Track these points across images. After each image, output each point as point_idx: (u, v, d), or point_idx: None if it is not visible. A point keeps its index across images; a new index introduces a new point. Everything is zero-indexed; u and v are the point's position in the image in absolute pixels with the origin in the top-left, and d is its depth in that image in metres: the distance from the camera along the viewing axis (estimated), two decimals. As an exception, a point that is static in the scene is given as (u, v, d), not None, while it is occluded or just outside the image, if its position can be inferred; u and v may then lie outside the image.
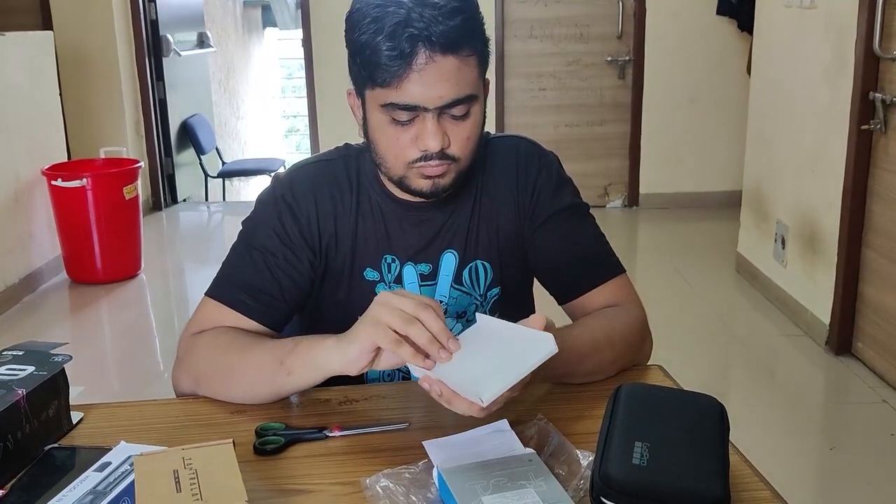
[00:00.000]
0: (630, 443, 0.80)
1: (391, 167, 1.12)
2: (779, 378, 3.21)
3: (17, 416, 0.95)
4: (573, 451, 0.91)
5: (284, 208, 1.19)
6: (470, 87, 1.07)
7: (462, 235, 1.22)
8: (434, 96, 1.05)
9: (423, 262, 1.22)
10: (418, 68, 1.03)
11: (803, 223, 3.48)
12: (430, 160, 1.09)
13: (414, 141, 1.08)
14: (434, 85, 1.04)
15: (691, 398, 0.91)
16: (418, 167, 1.10)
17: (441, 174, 1.11)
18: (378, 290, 1.21)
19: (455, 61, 1.04)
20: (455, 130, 1.09)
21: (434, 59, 1.03)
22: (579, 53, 5.38)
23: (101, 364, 3.47)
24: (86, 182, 4.04)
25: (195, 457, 0.84)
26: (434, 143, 1.07)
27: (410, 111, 1.06)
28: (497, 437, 0.96)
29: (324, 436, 1.01)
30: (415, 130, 1.08)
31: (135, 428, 1.06)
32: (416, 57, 1.02)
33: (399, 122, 1.07)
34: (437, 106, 1.05)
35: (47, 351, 1.08)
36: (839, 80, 3.13)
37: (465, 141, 1.10)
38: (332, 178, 1.21)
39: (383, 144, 1.11)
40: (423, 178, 1.11)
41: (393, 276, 1.22)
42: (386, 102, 1.06)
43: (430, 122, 1.06)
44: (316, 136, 5.76)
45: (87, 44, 5.12)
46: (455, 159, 1.10)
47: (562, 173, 1.26)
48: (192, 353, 1.16)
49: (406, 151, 1.09)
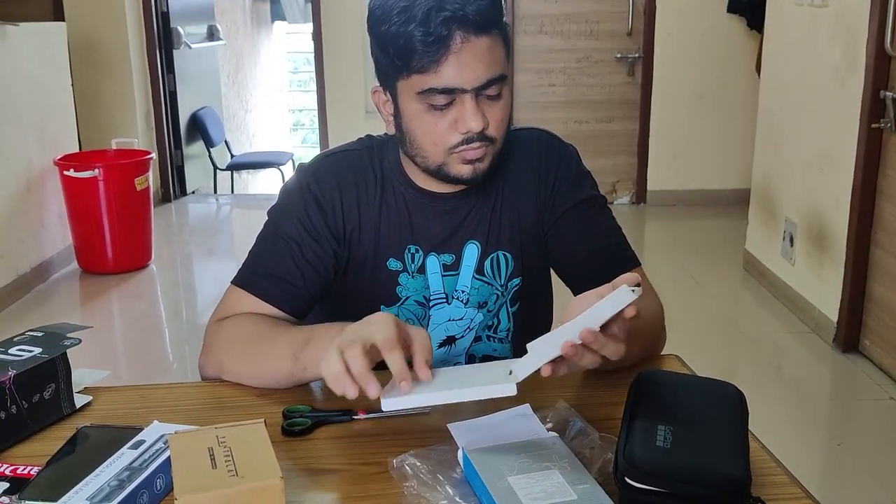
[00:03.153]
0: (653, 426, 0.82)
1: (429, 155, 1.13)
2: (786, 375, 3.23)
3: (1, 396, 0.97)
4: (595, 435, 0.93)
5: (310, 198, 1.21)
6: (501, 66, 1.10)
7: (484, 226, 1.24)
8: (471, 77, 1.07)
9: (445, 253, 1.24)
10: (455, 50, 1.05)
11: (812, 221, 3.50)
12: (472, 142, 1.10)
13: (453, 125, 1.10)
14: (471, 65, 1.06)
15: (711, 385, 0.93)
16: (459, 152, 1.11)
17: (480, 157, 1.12)
18: (401, 280, 1.23)
19: (487, 41, 1.07)
20: (491, 111, 1.11)
21: (469, 40, 1.05)
22: (589, 50, 5.39)
23: (111, 353, 3.50)
24: (97, 172, 4.07)
25: (228, 435, 0.86)
26: (476, 124, 1.08)
27: (448, 94, 1.08)
28: (520, 421, 0.98)
29: (350, 418, 1.03)
30: (453, 115, 1.09)
31: (164, 409, 1.08)
32: (453, 39, 1.05)
33: (436, 108, 1.09)
34: (474, 87, 1.07)
35: (63, 334, 1.10)
36: (850, 79, 3.14)
37: (500, 122, 1.12)
38: (356, 169, 1.23)
39: (421, 133, 1.12)
40: (464, 164, 1.13)
41: (416, 266, 1.23)
42: (423, 89, 1.08)
43: (470, 104, 1.08)
44: (325, 129, 5.78)
45: (99, 35, 5.15)
46: (493, 140, 1.13)
47: (581, 166, 1.28)
48: (216, 341, 1.18)
49: (446, 137, 1.11)
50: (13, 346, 1.08)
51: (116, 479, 0.84)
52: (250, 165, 6.85)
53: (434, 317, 1.25)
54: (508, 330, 1.29)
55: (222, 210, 6.19)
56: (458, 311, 1.26)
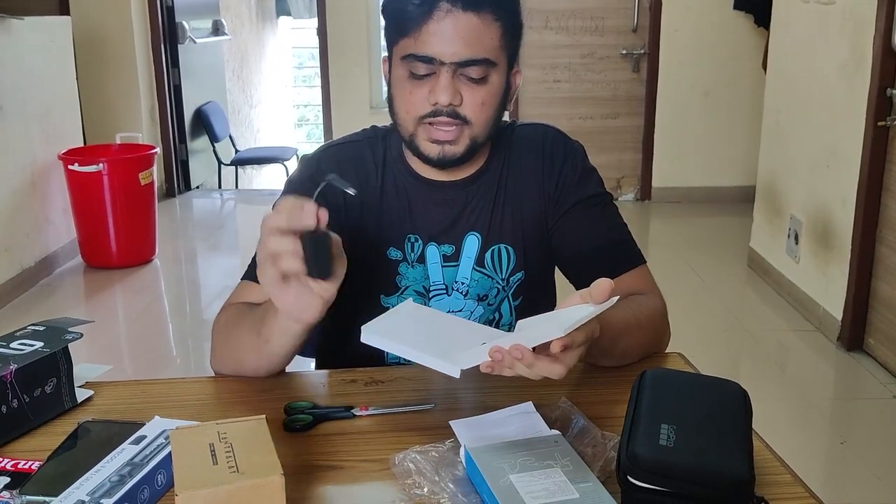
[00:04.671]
0: (656, 424, 0.82)
1: (402, 123, 1.16)
2: (790, 373, 3.22)
3: (3, 390, 0.98)
4: (597, 433, 0.93)
5: (311, 186, 1.21)
6: (488, 51, 1.10)
7: (485, 218, 1.24)
8: (448, 51, 1.08)
9: (445, 243, 1.24)
10: (438, 18, 1.07)
11: (817, 219, 3.49)
12: (440, 117, 1.11)
13: (427, 96, 1.12)
14: (451, 39, 1.08)
15: (715, 383, 0.92)
16: (427, 124, 1.13)
17: (452, 139, 1.13)
18: (401, 269, 1.23)
19: (475, 19, 1.08)
20: (470, 92, 1.11)
21: (453, 13, 1.07)
22: (594, 46, 5.38)
23: (114, 348, 3.50)
24: (102, 167, 4.07)
25: (230, 431, 0.86)
26: (444, 97, 1.10)
27: (427, 64, 1.09)
28: (522, 419, 0.97)
29: (351, 415, 1.03)
30: (430, 86, 1.11)
31: (166, 404, 1.08)
32: (437, 8, 1.07)
33: (416, 77, 1.11)
34: (452, 61, 1.09)
35: (64, 328, 1.11)
36: (856, 76, 3.12)
37: (479, 105, 1.12)
38: (358, 159, 1.23)
39: (399, 99, 1.15)
40: (431, 142, 1.14)
41: (416, 255, 1.24)
42: (406, 54, 1.11)
43: (444, 77, 1.10)
44: (330, 125, 5.77)
45: (104, 29, 5.15)
46: (467, 122, 1.13)
47: (587, 162, 1.28)
48: (213, 336, 1.18)
49: (417, 107, 1.12)
50: (14, 340, 1.08)
51: (117, 475, 0.84)
52: (255, 161, 6.85)
53: (434, 308, 1.25)
54: (511, 325, 1.29)
55: (226, 205, 6.19)
56: (457, 302, 1.26)
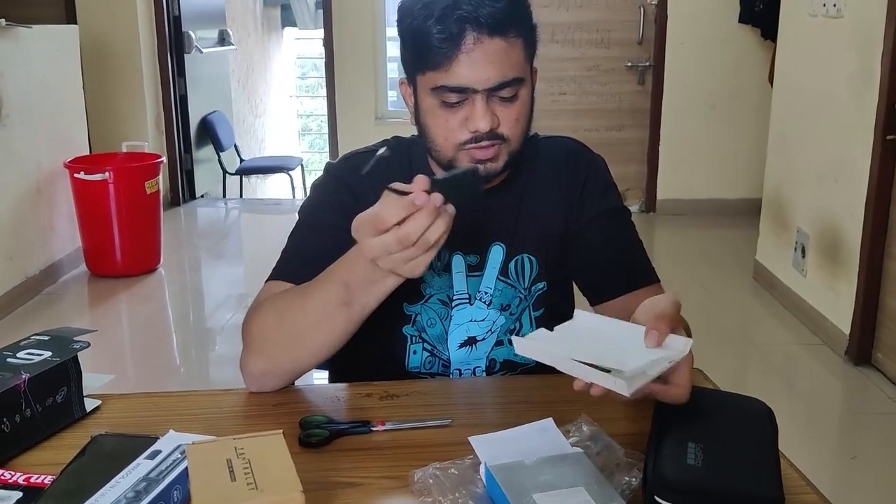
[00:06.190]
0: (683, 443, 0.80)
1: (441, 150, 1.15)
2: (797, 387, 3.20)
3: (16, 400, 0.96)
4: (620, 451, 0.91)
5: (342, 187, 1.22)
6: (516, 69, 1.10)
7: (510, 228, 1.24)
8: (482, 78, 1.08)
9: (471, 253, 1.24)
10: (467, 49, 1.07)
11: (824, 232, 3.47)
12: (481, 141, 1.12)
13: (463, 123, 1.11)
14: (482, 67, 1.07)
15: (739, 401, 0.91)
16: (468, 149, 1.13)
17: (492, 157, 1.13)
18: (426, 277, 1.23)
19: (502, 43, 1.08)
20: (504, 112, 1.12)
21: (481, 41, 1.07)
22: (599, 58, 5.38)
23: (118, 357, 3.49)
24: (108, 175, 4.06)
25: (247, 447, 0.84)
26: (483, 124, 1.10)
27: (460, 93, 1.09)
28: (543, 436, 0.96)
29: (367, 430, 1.01)
30: (464, 112, 1.11)
31: (177, 417, 1.06)
32: (465, 39, 1.06)
33: (449, 105, 1.11)
34: (485, 87, 1.09)
35: (70, 337, 1.09)
36: (865, 90, 3.11)
37: (514, 122, 1.13)
38: (384, 166, 1.22)
39: (434, 127, 1.14)
40: (473, 162, 1.13)
41: (442, 264, 1.23)
42: (436, 85, 1.10)
43: (480, 104, 1.09)
44: (335, 136, 5.77)
45: (111, 38, 5.15)
46: (505, 139, 1.13)
47: (609, 176, 1.29)
48: (253, 334, 1.12)
49: (456, 133, 1.12)
50: (20, 349, 1.06)
51: (133, 491, 0.83)
52: (259, 170, 6.85)
53: (456, 317, 1.25)
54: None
55: (231, 214, 6.18)
56: (480, 312, 1.25)
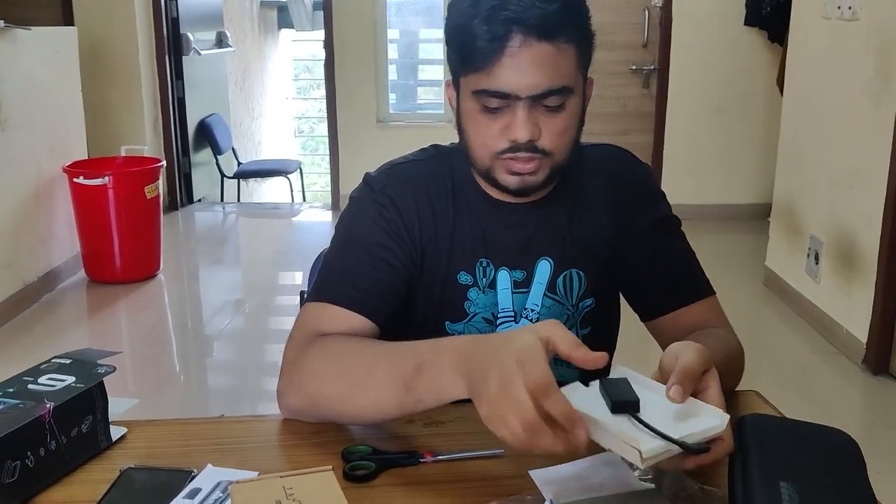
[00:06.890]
0: (774, 482, 0.74)
1: (478, 157, 1.08)
2: (813, 397, 3.14)
3: (41, 431, 0.89)
4: (694, 486, 0.85)
5: (386, 201, 1.14)
6: (565, 78, 1.03)
7: (558, 242, 1.17)
8: (526, 84, 1.01)
9: (517, 269, 1.16)
10: (511, 52, 0.99)
11: (839, 239, 3.42)
12: (519, 152, 1.04)
13: (503, 131, 1.04)
14: (527, 72, 1.00)
15: (821, 432, 0.85)
16: (505, 160, 1.06)
17: (532, 171, 1.06)
18: (470, 295, 1.16)
19: (550, 48, 1.00)
20: (548, 123, 1.04)
21: (529, 44, 0.99)
22: (604, 62, 5.32)
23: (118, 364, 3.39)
24: (107, 180, 3.98)
25: (296, 486, 0.78)
26: (523, 134, 1.02)
27: (501, 99, 1.02)
28: (609, 469, 0.89)
29: (416, 461, 0.94)
30: (505, 120, 1.04)
31: (210, 447, 0.99)
32: (510, 40, 0.99)
33: (490, 110, 1.04)
34: (529, 95, 1.01)
35: (94, 361, 1.03)
36: (882, 95, 3.07)
37: (558, 135, 1.05)
38: (427, 178, 1.16)
39: (472, 133, 1.07)
40: (510, 174, 1.06)
41: (487, 281, 1.16)
42: (478, 89, 1.03)
43: (521, 112, 1.02)
44: (335, 139, 5.69)
45: (109, 40, 5.07)
46: (547, 153, 1.06)
47: (657, 185, 1.22)
48: (303, 369, 1.03)
49: (494, 141, 1.05)
50: (41, 374, 0.99)
51: (173, 534, 0.76)
52: (257, 173, 6.78)
53: None
54: None
55: (229, 218, 6.10)
56: None
